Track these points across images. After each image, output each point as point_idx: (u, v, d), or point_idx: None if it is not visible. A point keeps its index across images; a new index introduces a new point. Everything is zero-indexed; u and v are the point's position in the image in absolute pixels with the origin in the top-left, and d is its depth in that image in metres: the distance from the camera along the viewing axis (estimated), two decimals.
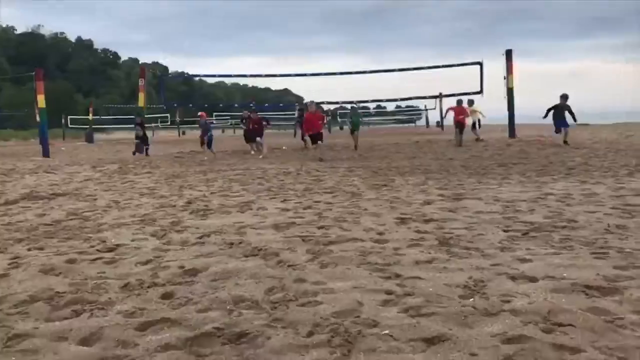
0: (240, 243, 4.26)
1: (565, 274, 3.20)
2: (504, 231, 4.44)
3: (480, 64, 17.83)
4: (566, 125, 15.10)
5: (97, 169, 11.67)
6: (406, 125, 57.85)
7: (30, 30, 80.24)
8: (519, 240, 4.13)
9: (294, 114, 28.16)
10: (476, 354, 2.19)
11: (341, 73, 17.25)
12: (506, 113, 18.03)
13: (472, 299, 2.83)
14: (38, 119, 17.54)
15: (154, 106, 39.47)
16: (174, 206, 6.28)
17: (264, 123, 16.25)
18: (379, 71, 17.69)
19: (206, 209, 5.97)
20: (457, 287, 3.03)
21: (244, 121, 18.88)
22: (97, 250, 4.18)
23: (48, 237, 4.71)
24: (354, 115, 18.14)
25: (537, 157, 11.57)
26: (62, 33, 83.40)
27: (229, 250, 4.05)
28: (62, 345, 2.43)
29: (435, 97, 19.03)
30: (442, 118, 34.92)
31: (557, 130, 15.34)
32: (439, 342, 2.32)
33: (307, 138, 13.85)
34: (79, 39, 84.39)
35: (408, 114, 60.79)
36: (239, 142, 20.29)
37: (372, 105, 68.07)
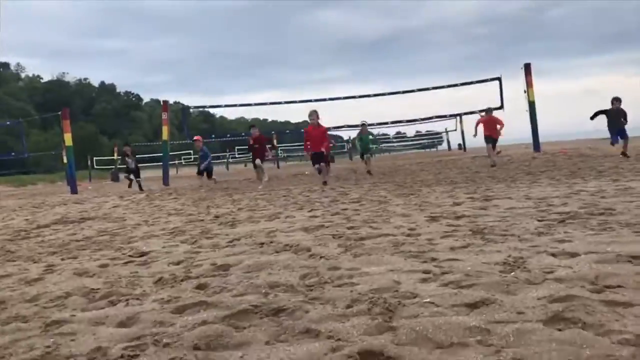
0: (271, 242, 4.23)
1: (608, 249, 3.09)
2: (539, 220, 4.34)
3: (499, 79, 17.77)
4: (624, 133, 12.68)
5: (125, 198, 11.82)
6: (427, 150, 57.69)
7: (55, 78, 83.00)
8: (555, 226, 4.02)
9: None
10: (523, 312, 2.11)
11: (360, 96, 17.32)
12: (526, 131, 17.84)
13: (513, 273, 2.74)
14: (65, 160, 17.93)
15: (178, 142, 40.07)
16: (202, 220, 6.30)
17: (268, 146, 14.18)
18: (397, 93, 17.61)
19: (234, 220, 5.97)
20: (496, 265, 2.94)
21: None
22: (129, 256, 4.19)
23: (80, 250, 4.75)
24: (364, 135, 15.32)
25: (565, 165, 11.38)
26: (85, 79, 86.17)
27: (260, 249, 4.02)
28: (100, 328, 2.41)
29: (454, 115, 18.92)
30: (463, 139, 34.77)
31: (614, 142, 12.89)
32: (483, 306, 2.24)
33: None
34: (102, 84, 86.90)
35: (429, 139, 60.62)
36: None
37: (391, 132, 68.07)
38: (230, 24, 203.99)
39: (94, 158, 43.02)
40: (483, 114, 14.60)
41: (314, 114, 11.62)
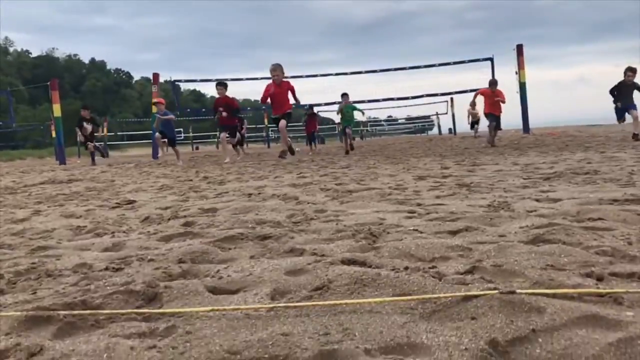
0: (259, 194, 4.25)
1: (591, 196, 3.14)
2: (525, 179, 4.39)
3: (491, 59, 17.75)
4: (634, 107, 10.53)
5: (113, 166, 11.76)
6: (418, 135, 57.73)
7: (44, 53, 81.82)
8: (541, 183, 4.07)
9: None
10: (505, 235, 2.15)
11: (352, 73, 17.26)
12: (516, 116, 17.85)
13: (497, 212, 2.78)
14: (54, 134, 17.64)
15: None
16: (191, 180, 6.30)
17: (238, 117, 11.73)
18: (389, 70, 17.57)
19: (223, 180, 5.97)
20: (481, 207, 2.98)
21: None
22: (117, 203, 4.19)
23: (67, 200, 4.74)
24: (345, 107, 13.62)
25: (553, 143, 11.46)
26: (75, 55, 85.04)
27: (247, 198, 4.04)
28: (85, 252, 2.41)
29: (445, 94, 18.91)
30: (454, 124, 34.88)
31: (621, 119, 11.09)
32: (465, 232, 2.28)
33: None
34: (92, 60, 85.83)
35: (420, 123, 60.57)
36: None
37: (382, 117, 67.89)
38: (222, 2, 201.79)
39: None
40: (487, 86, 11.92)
41: (277, 68, 9.52)
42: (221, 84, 11.11)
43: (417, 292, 1.43)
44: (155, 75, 18.13)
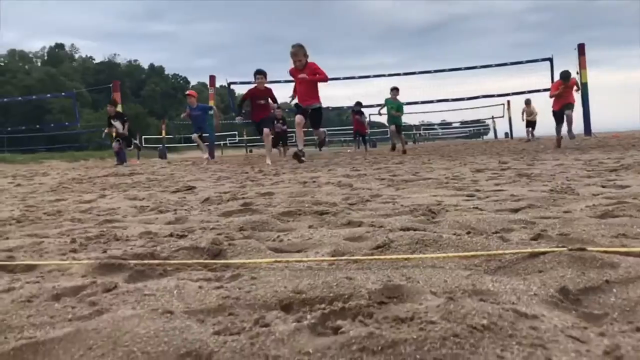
0: (313, 182, 4.28)
1: None
2: (588, 170, 4.22)
3: (551, 59, 17.22)
4: None
5: (172, 163, 12.12)
6: (473, 140, 56.62)
7: (107, 59, 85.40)
8: (606, 174, 3.91)
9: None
10: (571, 212, 2.07)
11: (405, 74, 17.12)
12: (576, 117, 17.16)
13: (561, 195, 2.69)
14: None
15: (222, 122, 40.48)
16: (247, 173, 6.41)
17: (275, 111, 9.74)
18: (442, 70, 17.35)
19: (278, 172, 6.05)
20: (543, 192, 2.89)
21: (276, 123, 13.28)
22: (177, 188, 4.32)
23: (130, 188, 4.92)
24: (390, 103, 12.05)
25: (618, 144, 10.98)
26: (135, 60, 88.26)
27: (302, 185, 4.07)
28: (150, 225, 2.50)
29: (502, 95, 18.44)
30: (510, 128, 33.95)
31: None
32: (528, 208, 2.22)
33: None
34: (151, 66, 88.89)
35: (474, 127, 59.34)
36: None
37: (436, 120, 66.97)
38: (276, 7, 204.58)
39: (143, 137, 44.12)
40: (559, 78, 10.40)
41: (299, 52, 7.53)
42: (261, 72, 9.21)
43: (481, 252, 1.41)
44: (212, 78, 18.59)
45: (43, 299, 1.13)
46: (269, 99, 9.12)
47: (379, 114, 12.44)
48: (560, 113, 10.38)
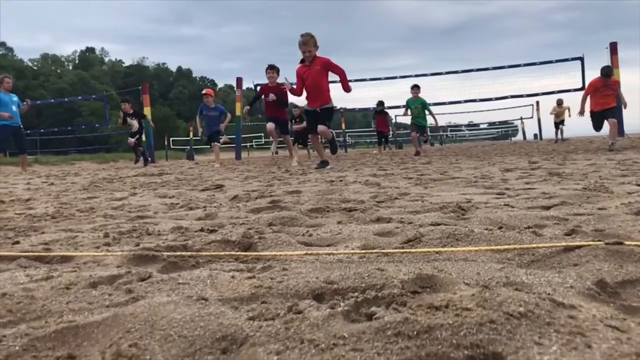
0: (340, 181, 4.28)
1: None
2: (622, 170, 4.13)
3: (581, 59, 16.87)
4: None
5: (200, 164, 12.26)
6: (501, 141, 55.83)
7: (136, 63, 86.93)
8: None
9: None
10: (605, 209, 2.03)
11: (432, 74, 16.98)
12: None
13: (594, 193, 2.64)
14: (144, 136, 18.61)
15: (248, 123, 40.85)
16: (274, 173, 6.45)
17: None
18: (470, 70, 17.14)
19: (305, 171, 6.07)
20: (575, 190, 2.84)
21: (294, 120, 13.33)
22: (206, 187, 4.37)
23: (160, 186, 5.00)
24: (412, 103, 11.27)
25: None
26: (164, 63, 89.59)
27: (330, 183, 4.08)
28: (181, 221, 2.53)
29: (531, 95, 18.12)
30: (540, 129, 33.36)
31: None
32: (561, 205, 2.18)
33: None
34: (179, 69, 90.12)
35: (502, 129, 58.52)
36: None
37: (463, 122, 66.25)
38: (301, 9, 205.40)
39: (171, 138, 44.75)
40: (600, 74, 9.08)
41: (309, 40, 6.66)
42: (273, 67, 8.79)
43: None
44: (239, 80, 18.73)
45: (81, 286, 1.15)
46: (281, 98, 8.54)
47: (406, 114, 12.21)
48: (600, 117, 9.16)
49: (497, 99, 16.51)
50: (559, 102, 17.84)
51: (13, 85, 10.27)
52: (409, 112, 11.54)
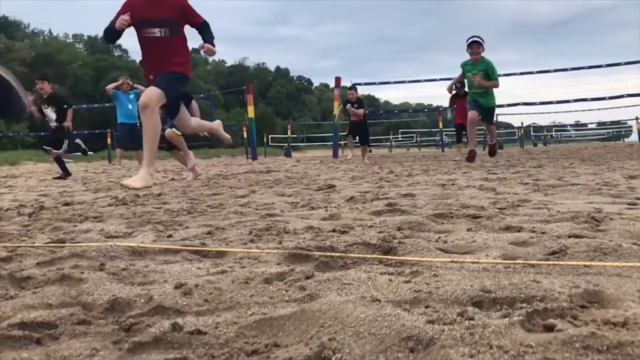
0: (452, 185, 4.27)
1: None
2: None
3: None
4: None
5: (302, 161, 12.61)
6: (612, 143, 52.08)
7: (237, 63, 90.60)
8: None
9: None
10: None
11: (538, 72, 16.23)
12: None
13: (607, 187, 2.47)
14: (245, 134, 19.37)
15: (343, 122, 41.13)
16: (379, 173, 6.53)
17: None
18: (581, 68, 16.11)
19: (410, 174, 6.09)
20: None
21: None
22: (319, 187, 4.53)
23: (273, 185, 5.24)
24: (467, 67, 7.99)
25: None
26: (263, 63, 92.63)
27: (441, 187, 4.08)
28: (308, 220, 2.68)
29: None
30: None
31: None
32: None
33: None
34: (277, 68, 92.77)
35: (613, 129, 54.54)
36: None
37: (568, 121, 62.49)
38: (397, 6, 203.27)
39: (270, 136, 46.20)
40: None
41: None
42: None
43: None
44: (337, 79, 18.95)
45: (257, 281, 1.30)
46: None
47: (455, 88, 9.70)
48: None
49: (610, 98, 15.46)
50: None
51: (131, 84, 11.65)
52: (458, 86, 8.61)
